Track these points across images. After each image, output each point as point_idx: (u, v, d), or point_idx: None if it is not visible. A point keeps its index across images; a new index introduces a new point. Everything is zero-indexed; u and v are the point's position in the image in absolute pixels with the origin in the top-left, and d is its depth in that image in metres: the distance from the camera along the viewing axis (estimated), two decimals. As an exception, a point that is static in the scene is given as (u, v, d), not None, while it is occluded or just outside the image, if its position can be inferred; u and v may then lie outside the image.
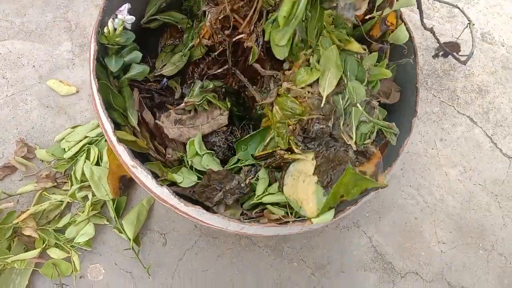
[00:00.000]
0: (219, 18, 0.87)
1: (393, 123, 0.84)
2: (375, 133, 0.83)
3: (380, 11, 0.85)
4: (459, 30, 1.55)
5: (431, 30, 0.88)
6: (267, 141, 0.94)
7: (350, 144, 0.81)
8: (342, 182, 0.78)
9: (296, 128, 0.83)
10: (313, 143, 0.82)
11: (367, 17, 0.91)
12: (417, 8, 0.84)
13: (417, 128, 1.39)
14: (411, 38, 1.00)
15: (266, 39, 0.81)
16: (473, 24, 0.91)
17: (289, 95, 0.85)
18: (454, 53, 0.89)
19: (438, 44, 0.90)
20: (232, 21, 0.86)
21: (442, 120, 1.42)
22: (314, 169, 0.82)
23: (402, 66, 1.00)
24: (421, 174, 1.34)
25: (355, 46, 0.84)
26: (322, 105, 0.80)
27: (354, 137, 0.81)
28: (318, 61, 0.84)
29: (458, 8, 0.91)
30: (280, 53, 0.77)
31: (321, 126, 0.80)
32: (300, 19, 0.70)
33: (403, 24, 0.93)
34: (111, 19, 0.87)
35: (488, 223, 1.32)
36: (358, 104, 0.81)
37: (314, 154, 0.82)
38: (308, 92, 0.83)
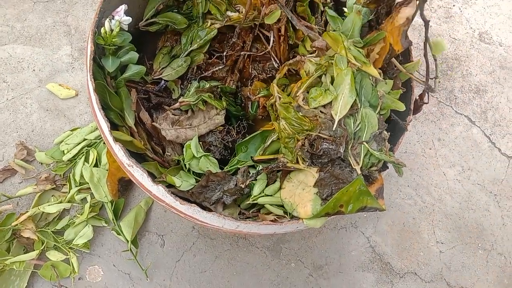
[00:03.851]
0: None
1: (399, 159, 0.84)
2: (382, 162, 0.83)
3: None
4: (456, 31, 1.55)
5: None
6: (268, 143, 0.94)
7: (355, 168, 0.80)
8: (348, 191, 0.77)
9: (304, 143, 0.83)
10: (319, 160, 0.82)
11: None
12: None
13: (415, 129, 1.40)
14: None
15: None
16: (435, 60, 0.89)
17: (300, 113, 0.84)
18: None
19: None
20: None
21: (440, 120, 1.42)
22: (315, 182, 0.82)
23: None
24: (419, 174, 1.34)
25: (372, 71, 0.82)
26: (334, 128, 0.80)
27: (360, 163, 0.80)
28: (331, 82, 0.83)
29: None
30: None
31: (330, 147, 0.80)
32: None
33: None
34: (107, 20, 0.88)
35: (487, 222, 1.31)
36: (364, 143, 0.80)
37: (319, 168, 0.82)
38: (321, 112, 0.82)
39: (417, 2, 0.74)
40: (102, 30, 0.87)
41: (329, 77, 0.84)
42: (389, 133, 0.84)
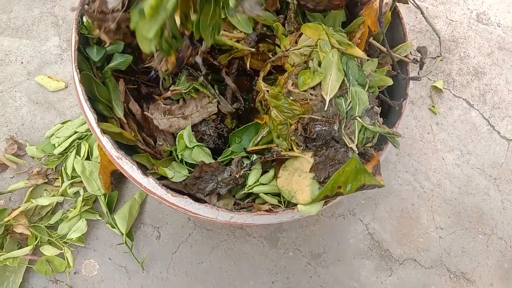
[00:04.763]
0: None
1: (395, 129, 0.84)
2: (377, 137, 0.82)
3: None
4: (453, 12, 1.52)
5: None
6: (259, 138, 0.93)
7: (351, 147, 0.80)
8: (344, 171, 0.76)
9: (298, 127, 0.82)
10: (314, 143, 0.81)
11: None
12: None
13: (412, 113, 1.37)
14: (400, 22, 0.98)
15: (132, 27, 0.68)
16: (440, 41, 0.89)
17: (290, 98, 0.83)
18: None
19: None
20: None
21: (437, 104, 1.40)
22: (311, 167, 0.81)
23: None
24: (417, 160, 1.32)
25: (357, 51, 0.84)
26: (325, 108, 0.79)
27: (356, 141, 0.80)
28: (319, 65, 0.83)
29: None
30: (146, 46, 0.66)
31: (324, 128, 0.79)
32: (170, 13, 0.62)
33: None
34: (91, 9, 0.85)
35: (487, 207, 1.30)
36: (358, 118, 0.80)
37: (313, 153, 0.81)
38: (311, 94, 0.82)
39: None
40: (85, 19, 0.84)
41: (316, 62, 0.83)
42: (380, 108, 0.84)
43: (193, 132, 0.96)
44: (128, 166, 0.79)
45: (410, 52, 0.99)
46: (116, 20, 0.69)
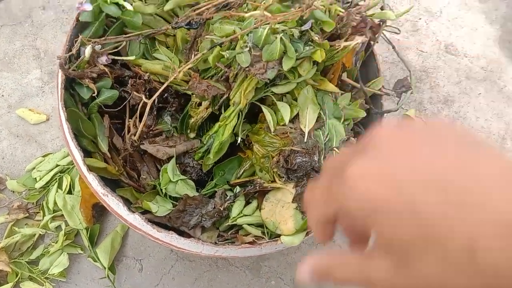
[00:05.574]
0: None
1: None
2: None
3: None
4: (423, 43, 1.60)
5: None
6: (241, 171, 0.95)
7: None
8: None
9: (279, 159, 0.85)
10: (295, 174, 0.85)
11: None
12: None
13: (388, 141, 1.42)
14: (374, 58, 1.03)
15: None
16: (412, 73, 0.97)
17: (271, 133, 0.87)
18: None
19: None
20: None
21: (411, 131, 1.45)
22: (293, 197, 0.84)
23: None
24: (394, 186, 1.36)
25: (330, 86, 0.88)
26: (305, 140, 0.83)
27: None
28: (295, 100, 0.87)
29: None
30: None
31: (304, 159, 0.83)
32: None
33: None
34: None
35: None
36: (335, 149, 0.84)
37: (295, 183, 0.85)
38: (290, 128, 0.86)
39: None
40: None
41: (290, 96, 0.87)
42: (355, 139, 0.88)
43: (177, 165, 0.97)
44: (114, 203, 0.80)
45: (383, 86, 1.04)
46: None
